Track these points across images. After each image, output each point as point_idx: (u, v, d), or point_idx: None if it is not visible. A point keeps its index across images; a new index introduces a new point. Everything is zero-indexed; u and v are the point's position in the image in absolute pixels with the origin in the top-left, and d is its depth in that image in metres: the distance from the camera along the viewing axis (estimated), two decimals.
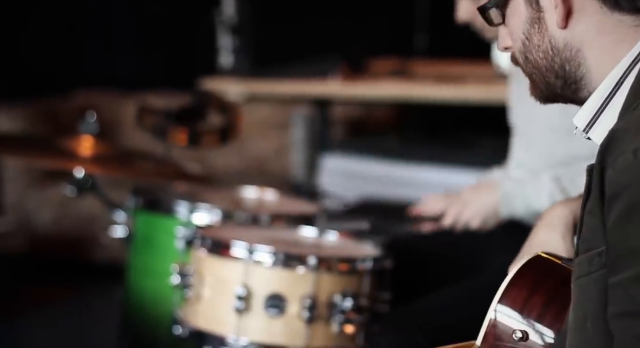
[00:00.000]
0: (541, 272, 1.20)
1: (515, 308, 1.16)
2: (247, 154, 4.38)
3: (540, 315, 1.15)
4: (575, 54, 1.11)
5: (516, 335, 1.15)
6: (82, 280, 3.95)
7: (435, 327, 1.73)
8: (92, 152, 2.29)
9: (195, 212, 2.21)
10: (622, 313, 0.97)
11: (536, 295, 1.16)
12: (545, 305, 1.16)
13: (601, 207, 1.01)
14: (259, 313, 1.88)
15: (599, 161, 1.02)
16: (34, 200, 4.15)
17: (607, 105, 1.10)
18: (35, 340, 3.41)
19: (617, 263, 0.98)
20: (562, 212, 1.44)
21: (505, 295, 1.18)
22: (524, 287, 1.18)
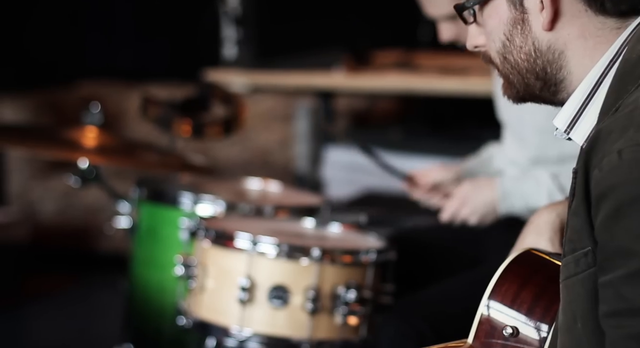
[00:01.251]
0: (530, 267, 1.20)
1: (506, 303, 1.17)
2: (250, 145, 4.38)
3: (530, 309, 1.15)
4: (557, 56, 1.11)
5: (507, 331, 1.15)
6: (85, 271, 3.96)
7: (439, 317, 1.74)
8: (96, 143, 2.29)
9: (199, 203, 2.21)
10: (614, 312, 0.97)
11: (526, 290, 1.17)
12: (535, 299, 1.16)
13: (586, 208, 1.02)
14: (263, 304, 1.88)
15: (584, 162, 1.02)
16: (38, 191, 4.16)
17: (587, 106, 1.10)
18: (39, 330, 3.42)
19: (607, 263, 0.98)
20: (549, 217, 1.44)
21: (495, 291, 1.18)
22: (513, 282, 1.18)
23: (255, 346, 1.89)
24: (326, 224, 2.12)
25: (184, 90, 2.89)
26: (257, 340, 1.89)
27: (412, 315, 1.76)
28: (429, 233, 2.16)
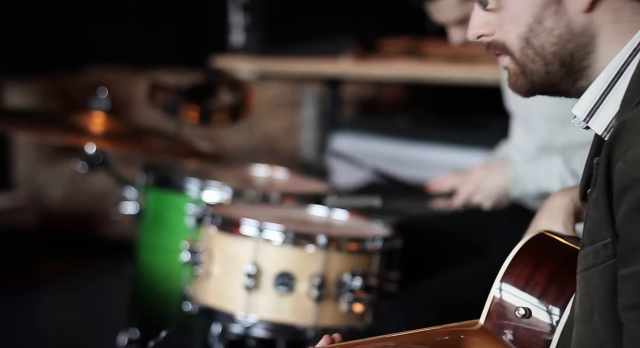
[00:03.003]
0: (544, 250, 1.20)
1: (519, 285, 1.16)
2: (257, 132, 4.38)
3: (544, 291, 1.15)
4: (589, 40, 1.08)
5: (519, 312, 1.15)
6: (92, 256, 3.97)
7: (446, 306, 1.74)
8: (104, 129, 2.30)
9: (206, 190, 2.21)
10: (634, 305, 0.97)
11: (539, 272, 1.16)
12: (548, 281, 1.15)
13: (607, 200, 1.01)
14: (269, 291, 1.89)
15: (606, 153, 1.00)
16: (45, 176, 4.17)
17: (608, 94, 1.07)
18: (45, 314, 3.44)
19: (628, 255, 0.97)
20: (563, 201, 1.43)
21: (509, 272, 1.18)
22: (527, 263, 1.17)
23: (260, 332, 1.90)
24: (337, 209, 2.12)
25: (192, 76, 2.89)
26: (263, 326, 1.89)
27: (418, 304, 1.77)
28: (435, 221, 2.16)
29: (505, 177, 1.97)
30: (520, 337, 1.14)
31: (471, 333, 1.15)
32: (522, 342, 1.13)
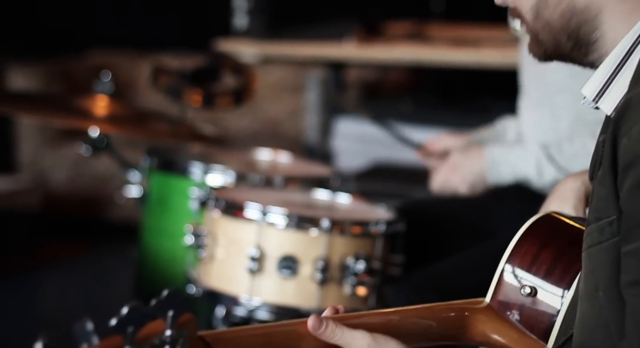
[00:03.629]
0: (551, 230, 1.20)
1: (525, 264, 1.17)
2: (261, 116, 4.38)
3: (549, 271, 1.15)
4: (593, 17, 1.09)
5: (524, 291, 1.15)
6: (96, 239, 3.98)
7: (451, 290, 1.73)
8: (107, 112, 2.30)
9: (209, 173, 2.21)
10: (636, 281, 0.97)
11: (545, 252, 1.17)
12: (554, 261, 1.16)
13: (612, 177, 1.01)
14: (272, 274, 1.89)
15: (612, 130, 1.01)
16: (49, 159, 4.18)
17: (617, 74, 1.08)
18: (49, 297, 3.45)
19: (631, 232, 0.98)
20: (574, 184, 1.44)
21: (515, 251, 1.18)
22: (533, 243, 1.18)
23: (264, 315, 1.91)
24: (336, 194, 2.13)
25: (195, 60, 2.89)
26: (266, 309, 1.90)
27: (423, 287, 1.77)
28: (439, 205, 2.16)
29: (481, 161, 1.97)
30: (525, 315, 1.14)
31: (476, 311, 1.15)
32: (527, 320, 1.14)
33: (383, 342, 1.07)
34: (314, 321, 1.06)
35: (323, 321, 1.06)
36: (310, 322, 1.06)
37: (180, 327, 0.95)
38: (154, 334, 0.93)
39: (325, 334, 1.06)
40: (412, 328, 1.11)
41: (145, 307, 0.92)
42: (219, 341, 0.99)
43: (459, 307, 1.16)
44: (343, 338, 1.06)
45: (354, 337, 1.06)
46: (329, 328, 1.06)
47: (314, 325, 1.06)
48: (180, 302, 0.95)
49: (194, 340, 0.97)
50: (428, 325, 1.13)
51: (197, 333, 0.98)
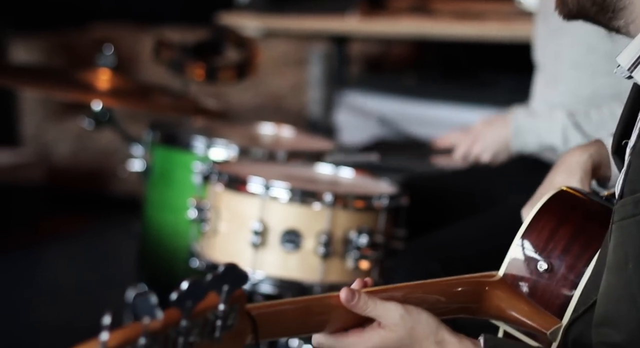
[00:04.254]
0: (568, 206, 1.19)
1: (541, 240, 1.16)
2: (264, 90, 4.37)
3: (567, 248, 1.15)
4: None
5: (541, 266, 1.15)
6: (99, 213, 3.99)
7: (452, 258, 1.74)
8: (110, 85, 2.29)
9: (212, 147, 2.21)
10: None
11: (563, 228, 1.16)
12: (572, 238, 1.15)
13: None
14: (275, 248, 1.90)
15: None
16: (52, 133, 4.18)
17: None
18: (53, 270, 3.46)
19: None
20: (581, 157, 1.43)
21: (532, 227, 1.17)
22: (550, 219, 1.17)
23: (267, 288, 1.91)
24: (338, 166, 2.12)
25: (198, 33, 2.88)
26: (269, 283, 1.91)
27: (425, 257, 1.76)
28: (442, 179, 2.16)
29: (506, 130, 1.95)
30: (539, 290, 1.14)
31: (490, 285, 1.15)
32: (541, 295, 1.14)
33: (415, 314, 1.07)
34: (346, 293, 1.06)
35: (355, 293, 1.06)
36: (342, 294, 1.06)
37: (233, 302, 0.96)
38: (208, 308, 0.94)
39: (357, 306, 1.06)
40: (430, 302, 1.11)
41: (204, 282, 0.93)
42: (262, 315, 1.01)
43: (475, 281, 1.15)
44: (376, 311, 1.07)
45: (387, 308, 1.06)
46: (362, 300, 1.06)
47: (347, 297, 1.06)
48: (235, 277, 0.96)
49: (242, 314, 0.99)
50: (438, 300, 1.13)
51: (245, 308, 1.00)
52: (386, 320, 1.06)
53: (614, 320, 1.02)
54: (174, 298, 0.90)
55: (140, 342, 0.86)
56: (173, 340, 0.90)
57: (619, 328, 1.02)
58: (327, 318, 1.06)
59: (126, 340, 0.86)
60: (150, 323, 0.86)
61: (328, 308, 1.06)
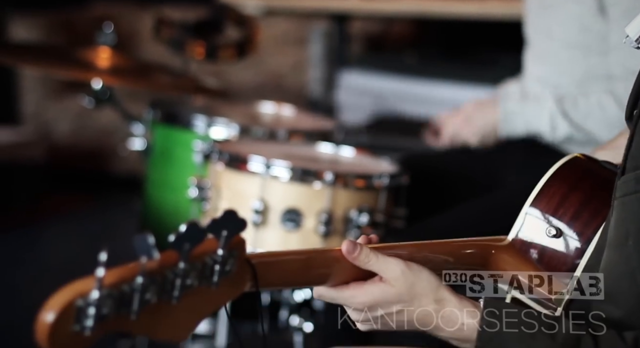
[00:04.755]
0: (580, 173, 1.20)
1: (551, 205, 1.16)
2: (264, 68, 4.36)
3: (576, 214, 1.15)
4: None
5: (550, 232, 1.15)
6: (100, 191, 4.00)
7: None
8: (110, 64, 2.29)
9: (213, 126, 2.21)
10: None
11: (574, 195, 1.16)
12: (582, 204, 1.15)
13: None
14: (276, 226, 1.90)
15: None
16: (53, 111, 4.17)
17: None
18: (54, 248, 3.47)
19: None
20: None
21: (542, 192, 1.17)
22: (562, 185, 1.17)
23: None
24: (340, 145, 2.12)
25: (198, 11, 2.87)
26: None
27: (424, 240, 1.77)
28: (443, 158, 2.16)
29: (495, 114, 1.96)
30: (547, 257, 1.15)
31: (499, 249, 1.16)
32: (548, 261, 1.14)
33: (417, 270, 1.07)
34: (348, 245, 1.07)
35: (357, 246, 1.07)
36: (344, 246, 1.07)
37: (232, 247, 0.96)
38: (206, 252, 0.95)
39: (359, 259, 1.07)
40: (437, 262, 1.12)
41: (202, 226, 0.93)
42: (263, 264, 1.01)
43: (484, 244, 1.16)
44: (377, 264, 1.07)
45: (388, 263, 1.07)
46: (363, 253, 1.07)
47: (348, 249, 1.06)
48: (234, 223, 0.96)
49: (241, 261, 0.99)
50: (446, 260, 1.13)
51: (244, 255, 1.00)
52: (387, 274, 1.07)
53: (613, 296, 1.03)
54: (172, 240, 0.90)
55: (138, 280, 0.88)
56: (171, 281, 0.91)
57: (619, 304, 1.02)
58: (328, 271, 1.06)
59: (123, 278, 0.87)
60: (148, 263, 0.87)
61: (330, 261, 1.06)
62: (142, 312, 0.89)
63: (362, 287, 1.07)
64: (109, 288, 0.86)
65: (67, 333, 0.85)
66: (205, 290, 0.95)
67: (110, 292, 0.86)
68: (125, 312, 0.88)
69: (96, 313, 0.85)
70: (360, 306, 1.07)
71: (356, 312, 1.08)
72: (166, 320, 0.92)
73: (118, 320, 0.88)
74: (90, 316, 0.85)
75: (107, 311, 0.86)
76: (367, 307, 1.07)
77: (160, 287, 0.90)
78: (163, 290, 0.91)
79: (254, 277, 1.00)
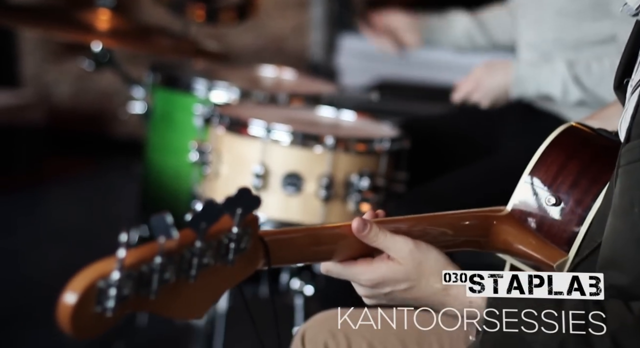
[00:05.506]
0: (577, 141, 1.19)
1: (550, 174, 1.16)
2: (265, 32, 4.33)
3: (575, 182, 1.15)
4: None
5: (549, 200, 1.15)
6: (101, 154, 4.00)
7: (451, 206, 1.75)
8: (109, 26, 2.27)
9: (214, 90, 2.20)
10: None
11: (572, 163, 1.16)
12: (580, 172, 1.15)
13: None
14: (277, 191, 1.90)
15: None
16: (52, 74, 4.16)
17: None
18: (55, 211, 3.48)
19: None
20: None
21: (541, 161, 1.17)
22: (560, 154, 1.17)
23: None
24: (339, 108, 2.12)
25: None
26: (271, 226, 1.92)
27: (424, 205, 1.78)
28: (443, 122, 2.16)
29: (507, 77, 1.96)
30: (547, 224, 1.15)
31: (498, 219, 1.16)
32: (548, 229, 1.15)
33: (425, 250, 1.08)
34: (358, 223, 1.07)
35: (367, 224, 1.07)
36: (354, 223, 1.07)
37: (246, 225, 0.97)
38: (221, 231, 0.96)
39: (368, 237, 1.07)
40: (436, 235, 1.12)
41: (218, 204, 0.94)
42: (275, 241, 1.02)
43: (482, 215, 1.16)
44: (385, 242, 1.07)
45: (396, 241, 1.07)
46: (373, 231, 1.07)
47: (358, 227, 1.07)
48: (248, 200, 0.96)
49: (255, 238, 1.00)
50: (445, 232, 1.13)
51: (258, 233, 1.01)
52: (395, 253, 1.07)
53: (619, 263, 1.03)
54: (189, 220, 0.91)
55: (156, 260, 0.88)
56: (188, 260, 0.92)
57: (625, 271, 1.02)
58: (336, 247, 1.07)
59: (143, 258, 0.87)
60: (166, 243, 0.88)
61: (338, 237, 1.07)
62: (161, 291, 0.90)
63: (370, 264, 1.08)
64: (128, 269, 0.87)
65: (89, 315, 0.85)
66: (221, 268, 0.96)
67: (130, 272, 0.87)
68: (145, 292, 0.89)
69: (117, 294, 0.86)
70: (368, 283, 1.08)
71: (363, 288, 1.09)
72: (183, 299, 0.93)
73: (137, 301, 0.89)
74: (112, 297, 0.85)
75: (128, 292, 0.87)
76: (375, 283, 1.07)
77: (178, 267, 0.91)
78: (181, 270, 0.91)
79: (267, 255, 1.01)
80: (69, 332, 0.84)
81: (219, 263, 0.95)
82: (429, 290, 1.07)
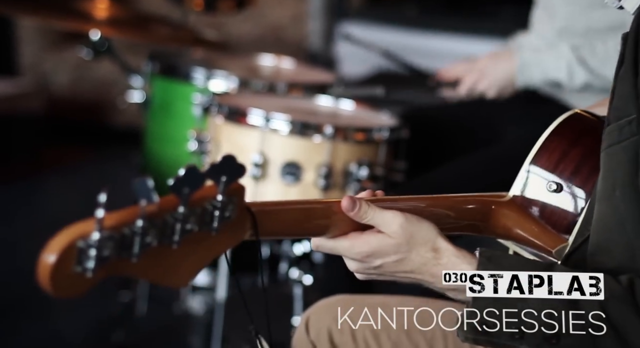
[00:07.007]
0: (580, 128, 1.19)
1: (552, 160, 1.16)
2: (263, 21, 4.32)
3: (576, 169, 1.15)
4: None
5: (550, 187, 1.15)
6: (99, 143, 3.99)
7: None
8: (108, 14, 2.27)
9: (212, 79, 2.20)
10: None
11: (574, 150, 1.16)
12: (582, 160, 1.16)
13: (634, 74, 1.01)
14: (275, 180, 1.90)
15: (635, 27, 1.01)
16: (51, 62, 4.15)
17: None
18: (53, 201, 3.48)
19: None
20: None
21: (543, 148, 1.17)
22: (562, 140, 1.17)
23: None
24: (342, 98, 2.11)
25: None
26: None
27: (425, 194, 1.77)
28: (443, 111, 2.16)
29: (511, 65, 1.95)
30: (548, 211, 1.15)
31: (500, 205, 1.16)
32: (550, 216, 1.15)
33: (415, 222, 1.08)
34: (347, 202, 1.07)
35: (356, 202, 1.07)
36: (344, 202, 1.07)
37: (231, 193, 0.97)
38: (205, 198, 0.95)
39: (358, 215, 1.07)
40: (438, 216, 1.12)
41: (201, 170, 0.93)
42: (262, 212, 1.02)
43: (484, 200, 1.16)
44: (375, 219, 1.08)
45: (385, 217, 1.08)
46: (362, 209, 1.07)
47: (347, 206, 1.07)
48: (233, 168, 0.96)
49: (241, 208, 0.99)
50: (447, 215, 1.13)
51: (244, 202, 1.00)
52: (385, 228, 1.07)
53: (606, 247, 1.04)
54: (170, 184, 0.90)
55: (138, 223, 0.88)
56: (171, 225, 0.92)
57: (612, 255, 1.03)
58: (327, 223, 1.07)
59: (124, 221, 0.87)
60: (147, 206, 0.87)
61: (329, 213, 1.07)
62: (143, 255, 0.89)
63: (360, 236, 1.08)
64: (109, 230, 0.86)
65: (68, 274, 0.85)
66: (206, 235, 0.95)
67: (110, 234, 0.86)
68: (126, 254, 0.88)
69: (97, 255, 0.85)
70: (358, 256, 1.08)
71: (354, 262, 1.09)
72: (167, 265, 0.92)
73: (119, 263, 0.88)
74: (92, 257, 0.85)
75: (108, 253, 0.86)
76: (365, 256, 1.08)
77: (160, 231, 0.90)
78: (163, 234, 0.91)
79: (254, 225, 1.00)
80: (49, 291, 0.84)
81: (203, 230, 0.94)
82: (419, 260, 1.07)
